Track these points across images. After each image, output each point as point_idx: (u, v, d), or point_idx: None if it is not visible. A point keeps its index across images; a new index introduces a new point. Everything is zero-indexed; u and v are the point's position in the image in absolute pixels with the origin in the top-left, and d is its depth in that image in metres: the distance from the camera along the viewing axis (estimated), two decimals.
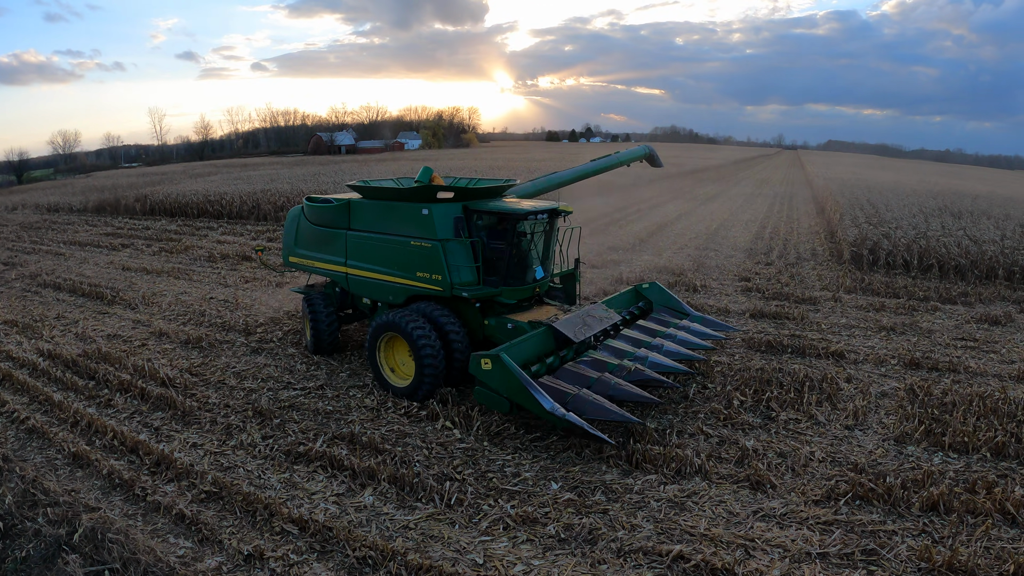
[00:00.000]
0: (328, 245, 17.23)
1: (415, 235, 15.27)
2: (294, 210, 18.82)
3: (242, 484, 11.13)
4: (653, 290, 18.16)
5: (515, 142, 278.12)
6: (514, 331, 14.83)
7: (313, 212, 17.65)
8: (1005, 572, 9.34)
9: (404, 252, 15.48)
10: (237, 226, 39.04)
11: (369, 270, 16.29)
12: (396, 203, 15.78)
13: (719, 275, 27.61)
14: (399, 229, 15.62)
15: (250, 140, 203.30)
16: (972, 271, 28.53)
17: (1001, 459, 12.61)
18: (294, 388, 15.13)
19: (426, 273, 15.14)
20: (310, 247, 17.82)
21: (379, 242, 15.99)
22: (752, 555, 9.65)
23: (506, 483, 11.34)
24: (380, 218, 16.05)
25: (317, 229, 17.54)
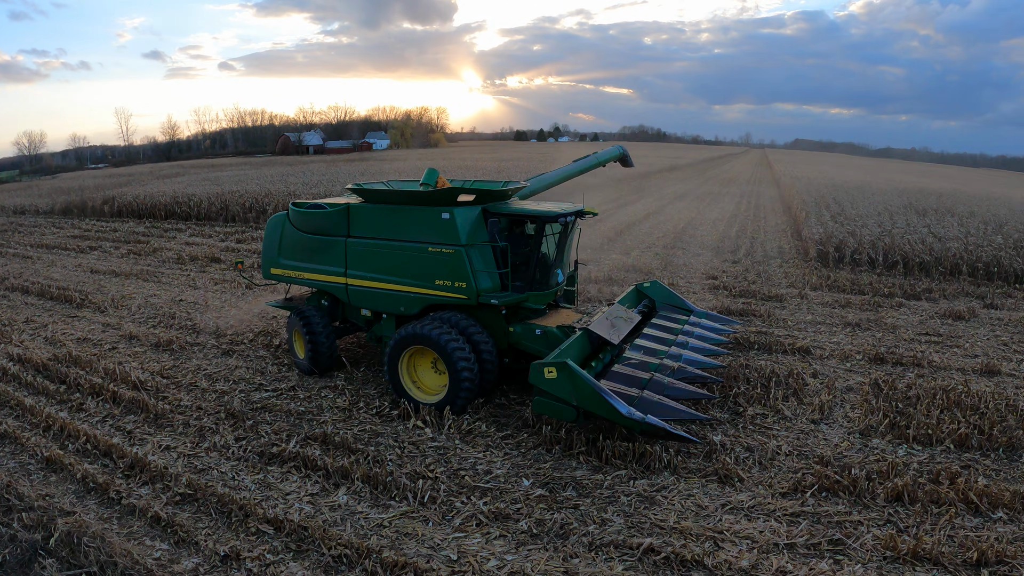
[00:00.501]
0: (322, 254, 16.06)
1: (433, 241, 14.46)
2: (276, 217, 17.16)
3: (217, 486, 11.21)
4: (655, 288, 18.09)
5: (483, 142, 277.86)
6: (543, 337, 14.48)
7: (303, 219, 16.28)
8: (969, 559, 9.62)
9: (420, 259, 14.66)
10: (206, 227, 38.98)
11: (375, 280, 15.35)
12: (409, 207, 14.91)
13: (687, 273, 27.89)
14: (413, 235, 14.75)
15: (217, 140, 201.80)
16: (936, 267, 28.98)
17: (964, 450, 12.94)
18: (266, 390, 15.22)
19: (447, 281, 14.42)
20: (299, 257, 16.52)
21: (388, 249, 15.04)
22: (721, 547, 9.88)
23: (478, 480, 11.50)
24: (388, 224, 15.09)
25: (308, 237, 16.26)
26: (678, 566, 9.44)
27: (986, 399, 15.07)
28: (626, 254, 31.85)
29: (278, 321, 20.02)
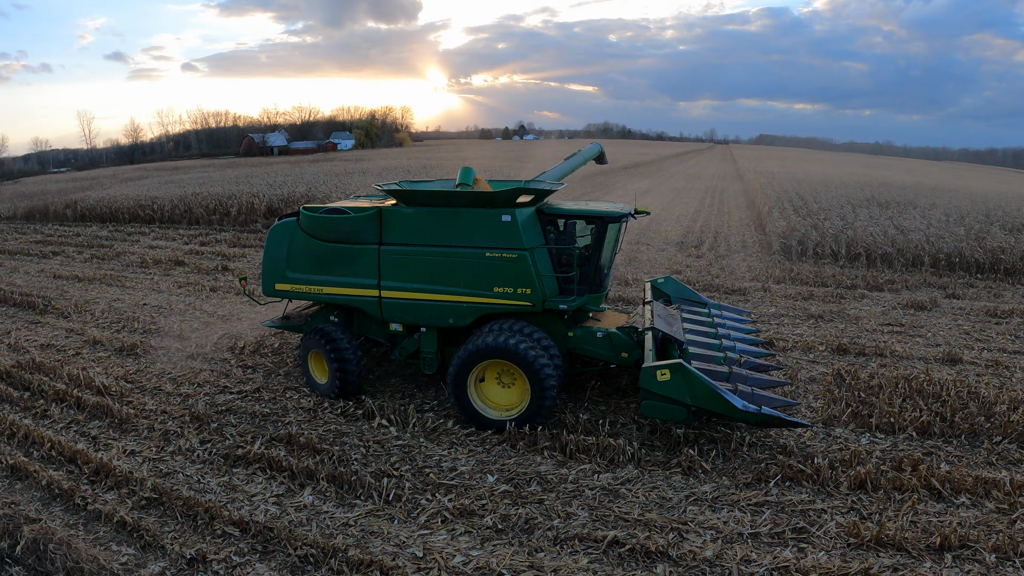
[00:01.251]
0: (347, 265, 14.59)
1: (492, 245, 13.61)
2: (282, 225, 15.27)
3: (182, 489, 11.18)
4: (669, 284, 17.67)
5: (448, 141, 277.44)
6: (606, 340, 14.21)
7: (322, 226, 14.66)
8: (932, 544, 9.81)
9: (476, 266, 13.74)
10: (169, 230, 38.77)
11: (417, 291, 14.16)
12: (461, 210, 13.85)
13: (650, 268, 28.06)
14: (466, 240, 13.77)
15: (181, 142, 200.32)
16: (898, 259, 29.38)
17: (927, 437, 13.20)
18: (231, 392, 15.17)
19: (508, 288, 13.66)
20: (313, 269, 14.89)
21: (434, 256, 13.95)
22: (685, 537, 10.01)
23: (443, 478, 11.57)
24: (434, 228, 13.98)
25: (327, 247, 14.70)
26: (643, 558, 9.54)
27: (948, 387, 15.34)
28: None
29: (241, 323, 19.95)
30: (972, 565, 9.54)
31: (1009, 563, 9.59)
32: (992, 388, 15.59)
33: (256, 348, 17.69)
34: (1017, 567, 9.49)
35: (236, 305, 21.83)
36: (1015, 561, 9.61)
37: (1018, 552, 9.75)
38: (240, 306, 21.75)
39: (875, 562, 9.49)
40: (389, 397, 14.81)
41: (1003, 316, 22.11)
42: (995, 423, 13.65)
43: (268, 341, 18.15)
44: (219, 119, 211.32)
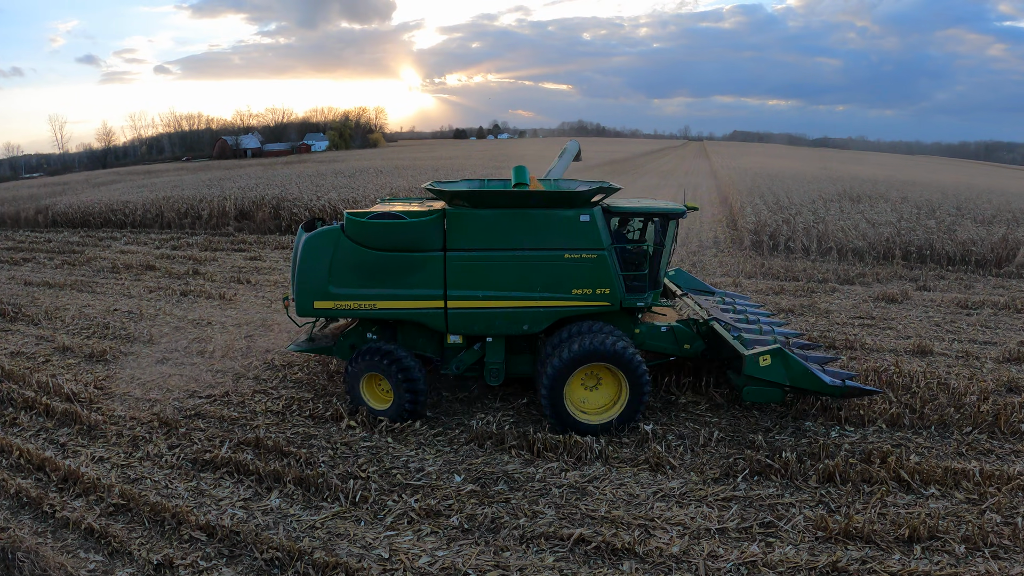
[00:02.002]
0: (405, 275, 13.47)
1: (571, 246, 13.31)
2: (322, 234, 13.70)
3: (150, 495, 11.09)
4: (680, 276, 17.72)
5: (423, 141, 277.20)
6: (670, 334, 14.47)
7: (373, 233, 13.40)
8: (901, 536, 9.87)
9: (554, 268, 13.38)
10: (141, 235, 38.53)
11: (489, 298, 13.46)
12: (537, 211, 13.36)
13: None
14: (543, 242, 13.35)
15: (154, 146, 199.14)
16: (869, 252, 29.62)
17: (896, 429, 13.31)
18: (199, 396, 15.05)
19: (588, 289, 13.45)
20: (364, 282, 13.51)
21: (508, 261, 13.34)
22: (652, 534, 10.03)
23: (410, 478, 11.55)
24: (507, 231, 13.36)
25: (381, 256, 13.44)
26: (609, 555, 9.56)
27: (918, 378, 15.47)
28: None
29: (212, 328, 19.85)
30: (942, 556, 9.59)
31: (979, 553, 9.64)
32: (962, 379, 15.72)
33: (225, 352, 17.58)
34: (987, 557, 9.55)
35: (206, 309, 21.75)
36: (984, 552, 9.67)
37: (988, 543, 9.82)
38: (210, 310, 21.67)
39: (843, 555, 9.54)
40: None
41: (973, 307, 22.27)
42: (965, 414, 13.77)
43: (237, 345, 18.06)
44: (192, 122, 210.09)
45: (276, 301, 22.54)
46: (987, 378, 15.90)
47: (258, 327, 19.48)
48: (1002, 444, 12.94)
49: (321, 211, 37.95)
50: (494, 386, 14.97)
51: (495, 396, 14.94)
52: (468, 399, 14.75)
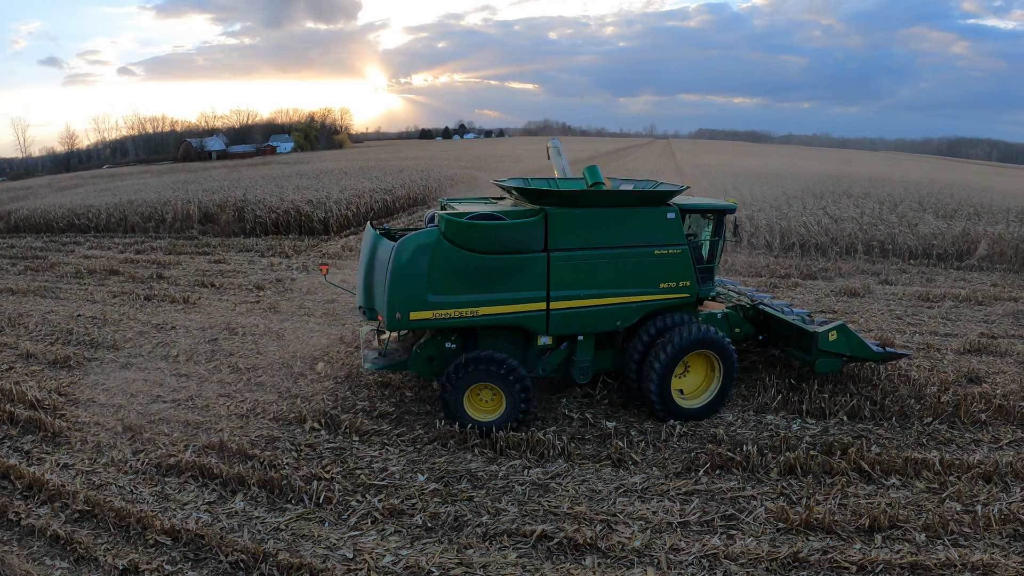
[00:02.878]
0: (509, 278, 13.06)
1: (659, 243, 13.64)
2: (417, 238, 12.70)
3: (115, 500, 11.06)
4: None
5: (389, 141, 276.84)
6: (724, 320, 15.24)
7: (476, 235, 12.74)
8: (861, 526, 10.09)
9: (645, 264, 13.65)
10: (104, 239, 38.19)
11: (588, 296, 13.46)
12: (629, 209, 13.54)
13: None
14: (634, 239, 13.54)
15: (118, 149, 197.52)
16: (832, 247, 29.94)
17: (857, 421, 13.57)
18: (163, 401, 14.98)
19: (672, 282, 13.85)
20: (466, 288, 12.89)
21: (604, 259, 13.42)
22: (614, 529, 10.16)
23: (374, 478, 11.59)
24: (603, 230, 13.41)
25: (485, 260, 12.86)
26: (571, 551, 9.69)
27: (878, 371, 15.60)
28: None
29: (176, 332, 19.75)
30: (902, 545, 9.78)
31: (939, 541, 9.86)
32: (923, 371, 16.00)
33: (189, 356, 17.50)
34: (947, 545, 9.75)
35: (170, 314, 21.61)
36: (945, 539, 9.88)
37: (948, 531, 10.04)
38: (174, 314, 21.54)
39: (804, 546, 9.73)
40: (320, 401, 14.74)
41: (935, 300, 22.54)
42: (925, 405, 14.05)
43: (201, 349, 17.99)
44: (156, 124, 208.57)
45: (240, 304, 22.45)
46: (947, 369, 16.18)
47: (222, 330, 19.43)
48: (962, 434, 13.20)
49: (285, 213, 37.74)
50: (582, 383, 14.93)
51: None
52: (431, 398, 14.76)
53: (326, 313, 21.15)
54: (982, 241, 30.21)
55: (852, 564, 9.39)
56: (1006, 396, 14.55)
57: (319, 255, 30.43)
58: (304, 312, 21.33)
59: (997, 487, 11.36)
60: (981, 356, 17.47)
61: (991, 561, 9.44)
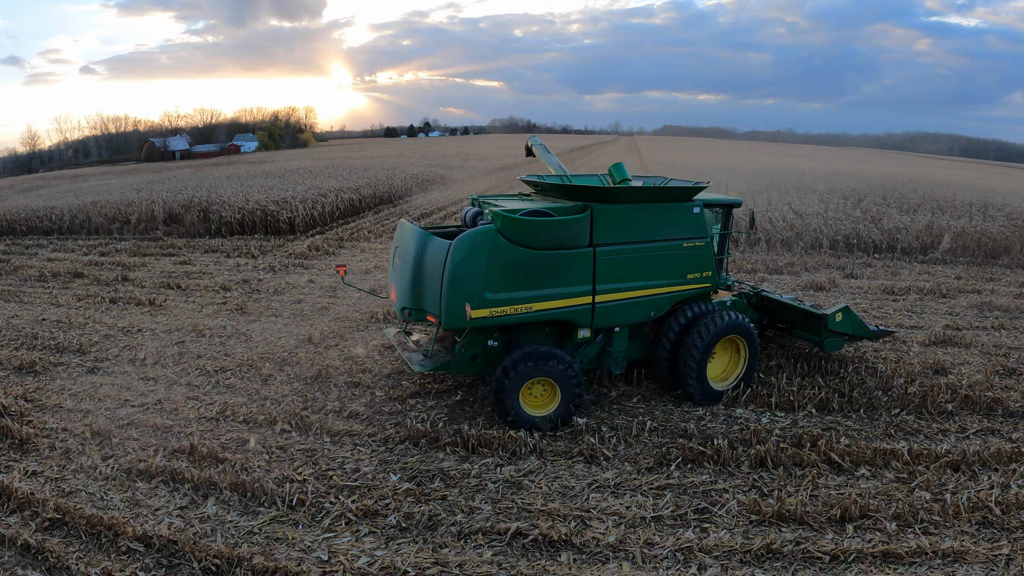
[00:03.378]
0: (559, 273, 13.23)
1: (687, 236, 14.25)
2: (474, 238, 12.65)
3: (85, 507, 10.93)
4: None
5: (354, 140, 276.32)
6: (734, 307, 15.92)
7: (531, 232, 12.88)
8: (833, 516, 10.24)
9: (676, 256, 14.24)
10: (68, 242, 37.78)
11: (627, 289, 13.85)
12: (665, 204, 14.09)
13: None
14: (667, 233, 14.11)
15: (80, 149, 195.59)
16: (797, 242, 30.12)
17: (826, 414, 13.75)
18: (132, 405, 14.85)
19: (697, 273, 14.50)
20: (520, 285, 12.97)
21: (642, 252, 13.87)
22: (588, 524, 10.19)
23: (346, 479, 11.55)
24: (640, 224, 13.82)
25: (539, 256, 12.97)
26: (546, 547, 9.71)
27: (846, 363, 15.81)
28: None
29: (143, 335, 19.62)
30: (873, 534, 9.92)
31: (910, 530, 10.01)
32: (889, 363, 16.15)
33: (157, 360, 17.37)
34: (917, 533, 9.91)
35: (136, 316, 21.44)
36: (915, 528, 10.04)
37: (918, 519, 10.19)
38: (140, 317, 21.39)
39: (777, 537, 9.82)
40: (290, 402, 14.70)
41: (900, 293, 22.77)
42: (893, 396, 14.26)
43: (168, 351, 17.86)
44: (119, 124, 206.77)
45: (207, 306, 22.31)
46: (914, 361, 16.37)
47: (189, 333, 19.30)
48: (929, 424, 13.38)
49: (250, 213, 37.53)
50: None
51: (428, 394, 14.98)
52: (401, 397, 14.77)
53: (294, 314, 21.08)
54: (946, 235, 30.58)
55: (825, 554, 9.48)
56: (972, 386, 14.76)
57: (285, 255, 30.27)
58: (271, 313, 21.25)
59: (965, 475, 11.55)
60: (946, 348, 17.69)
61: (961, 548, 9.59)
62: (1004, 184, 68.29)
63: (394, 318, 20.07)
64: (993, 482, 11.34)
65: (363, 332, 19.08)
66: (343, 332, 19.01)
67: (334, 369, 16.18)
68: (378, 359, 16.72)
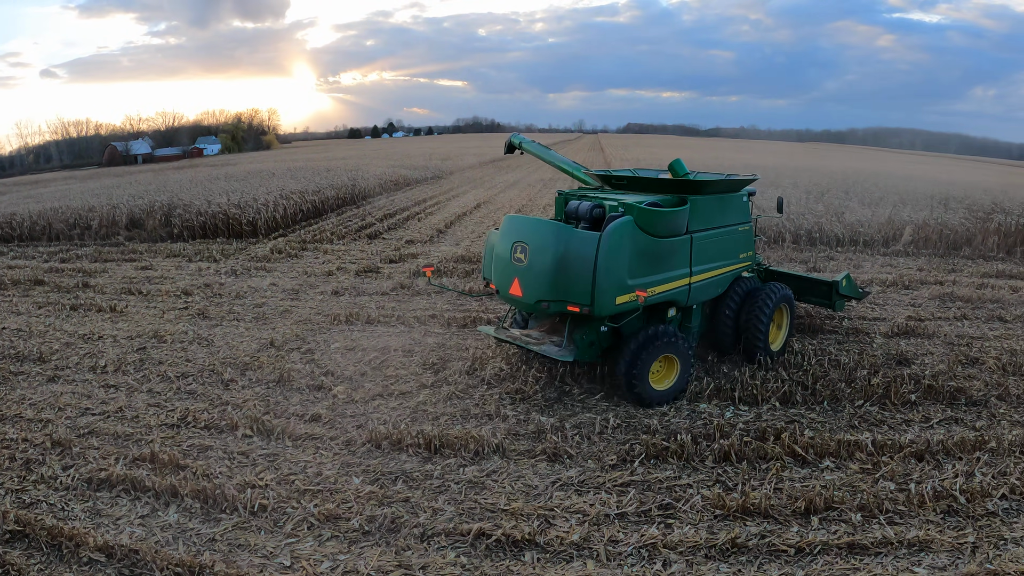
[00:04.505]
0: (671, 259, 14.52)
1: (740, 221, 16.35)
2: (620, 228, 13.62)
3: (46, 518, 10.77)
4: None
5: (317, 141, 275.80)
6: (750, 280, 17.29)
7: (658, 221, 14.12)
8: (797, 509, 10.28)
9: (735, 239, 16.23)
10: (28, 248, 37.33)
11: (708, 270, 15.50)
12: (728, 195, 16.19)
13: None
14: (728, 219, 16.05)
15: (41, 154, 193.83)
16: (760, 237, 30.21)
17: (789, 407, 13.88)
18: (92, 414, 14.67)
19: (745, 253, 16.58)
20: (648, 270, 14.09)
21: (718, 237, 15.73)
22: (552, 523, 10.17)
23: (308, 483, 11.44)
24: (715, 212, 15.67)
25: (662, 243, 14.25)
26: (510, 547, 9.69)
27: (808, 356, 15.86)
28: (456, 245, 32.25)
29: (104, 342, 19.39)
30: (839, 526, 9.98)
31: (875, 521, 10.07)
32: (853, 355, 16.33)
33: (118, 367, 17.17)
34: (883, 524, 9.98)
35: (97, 323, 21.21)
36: (880, 518, 10.10)
37: (883, 509, 10.26)
38: (101, 324, 21.17)
39: (742, 531, 9.85)
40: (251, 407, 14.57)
41: (862, 286, 22.88)
42: (856, 388, 14.38)
43: (130, 358, 17.66)
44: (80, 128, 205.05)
45: (169, 311, 22.09)
46: (877, 352, 16.52)
47: (150, 339, 19.11)
48: (893, 415, 13.51)
49: (213, 217, 37.25)
50: None
51: (391, 395, 14.93)
52: (364, 400, 14.70)
53: (256, 317, 20.91)
54: (907, 227, 30.92)
55: (790, 547, 9.52)
56: (935, 376, 14.89)
57: (248, 258, 30.04)
58: (233, 317, 21.08)
59: (929, 465, 11.64)
60: (909, 339, 17.85)
61: (926, 537, 9.67)
62: (965, 177, 69.07)
63: (387, 319, 20.05)
64: (957, 471, 11.44)
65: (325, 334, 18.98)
66: (305, 335, 18.89)
67: (296, 372, 16.07)
68: (340, 361, 16.61)
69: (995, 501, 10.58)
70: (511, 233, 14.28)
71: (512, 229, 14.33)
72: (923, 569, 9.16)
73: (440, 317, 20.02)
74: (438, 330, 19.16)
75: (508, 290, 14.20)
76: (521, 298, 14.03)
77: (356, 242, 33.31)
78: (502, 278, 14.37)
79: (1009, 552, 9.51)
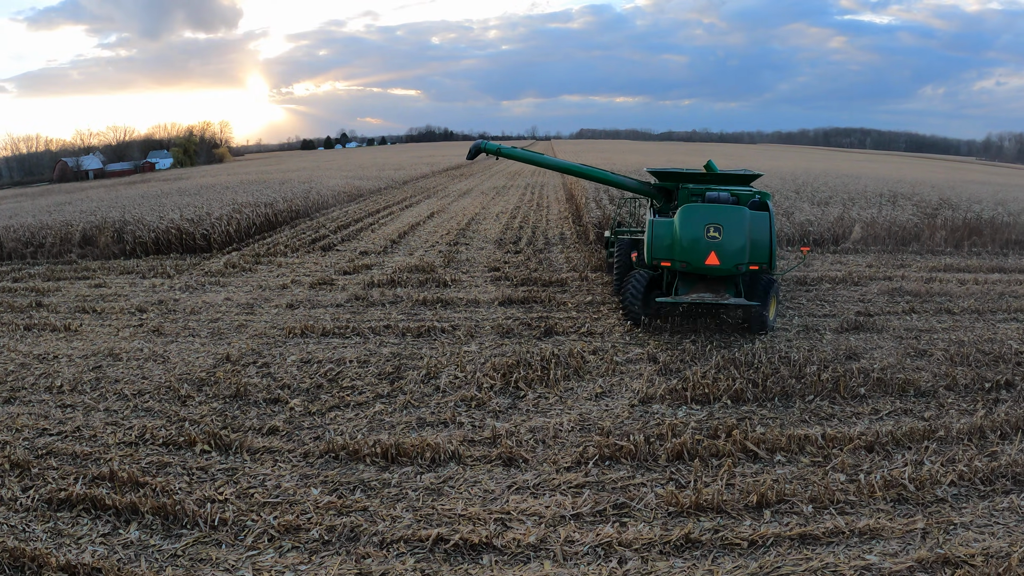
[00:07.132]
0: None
1: None
2: (770, 207, 19.11)
3: (7, 540, 10.71)
4: None
5: (271, 153, 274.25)
6: None
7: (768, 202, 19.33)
8: (750, 503, 10.52)
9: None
10: None
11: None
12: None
13: (469, 268, 28.50)
14: None
15: None
16: None
17: (741, 404, 14.18)
18: (50, 434, 14.62)
19: None
20: None
21: None
22: (509, 527, 10.30)
23: (268, 496, 11.48)
24: None
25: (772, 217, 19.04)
26: (468, 551, 9.80)
27: (759, 354, 16.10)
28: (410, 255, 32.24)
29: (59, 362, 19.26)
30: (791, 518, 10.23)
31: (826, 512, 10.34)
32: (802, 351, 16.59)
33: (74, 386, 17.08)
34: (834, 514, 10.24)
35: (52, 343, 21.06)
36: (831, 509, 10.37)
37: (834, 500, 10.53)
38: (56, 343, 21.03)
39: (696, 527, 10.05)
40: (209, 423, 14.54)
41: (811, 283, 23.41)
42: (806, 383, 14.68)
43: (86, 377, 17.58)
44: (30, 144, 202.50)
45: (123, 328, 21.99)
46: (826, 348, 16.85)
47: (106, 357, 19.03)
48: (843, 408, 13.86)
49: (165, 232, 37.03)
50: None
51: (348, 406, 14.95)
52: (320, 411, 14.72)
53: (211, 332, 20.85)
54: (856, 225, 31.48)
55: (743, 540, 9.72)
56: (884, 370, 15.29)
57: (202, 273, 29.84)
58: (189, 333, 21.01)
59: (879, 455, 11.97)
60: (859, 334, 18.27)
61: (877, 525, 9.94)
62: (914, 174, 70.27)
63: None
64: (907, 460, 11.77)
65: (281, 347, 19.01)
66: (261, 349, 18.89)
67: (253, 387, 16.08)
68: (296, 374, 16.67)
69: (944, 488, 10.90)
70: (701, 219, 17.82)
71: (700, 216, 17.89)
72: (874, 556, 9.38)
73: (395, 327, 20.07)
74: (393, 340, 19.20)
75: (704, 261, 17.74)
76: (719, 265, 17.76)
77: (310, 254, 33.25)
78: (694, 254, 17.78)
79: (959, 536, 9.79)
